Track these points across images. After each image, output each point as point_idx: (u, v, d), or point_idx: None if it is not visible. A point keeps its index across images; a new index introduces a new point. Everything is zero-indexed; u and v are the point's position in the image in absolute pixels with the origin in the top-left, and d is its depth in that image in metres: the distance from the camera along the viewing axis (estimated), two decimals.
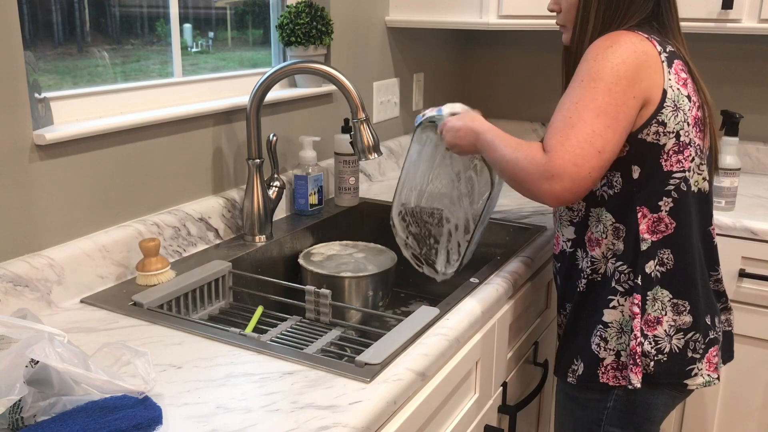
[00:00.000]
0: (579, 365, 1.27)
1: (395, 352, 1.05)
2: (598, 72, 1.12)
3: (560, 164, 1.10)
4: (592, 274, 1.26)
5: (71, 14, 1.36)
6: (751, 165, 2.25)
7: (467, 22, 2.05)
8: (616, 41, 1.14)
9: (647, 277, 1.20)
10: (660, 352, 1.21)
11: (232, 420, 0.89)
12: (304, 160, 1.72)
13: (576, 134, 1.11)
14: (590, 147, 1.10)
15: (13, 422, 0.83)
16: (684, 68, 1.20)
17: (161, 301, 1.24)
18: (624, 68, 1.12)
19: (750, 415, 1.88)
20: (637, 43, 1.14)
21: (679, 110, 1.16)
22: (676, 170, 1.19)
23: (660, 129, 1.16)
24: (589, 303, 1.27)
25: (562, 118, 1.13)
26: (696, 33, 1.96)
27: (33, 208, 1.20)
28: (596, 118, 1.11)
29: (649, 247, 1.20)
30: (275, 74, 1.47)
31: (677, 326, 1.21)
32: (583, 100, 1.12)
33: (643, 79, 1.13)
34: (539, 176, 1.12)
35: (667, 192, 1.19)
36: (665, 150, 1.17)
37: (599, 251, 1.25)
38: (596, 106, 1.11)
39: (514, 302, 1.40)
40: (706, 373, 1.24)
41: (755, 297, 1.79)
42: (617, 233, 1.22)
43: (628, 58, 1.12)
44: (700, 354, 1.23)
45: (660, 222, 1.20)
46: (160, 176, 1.44)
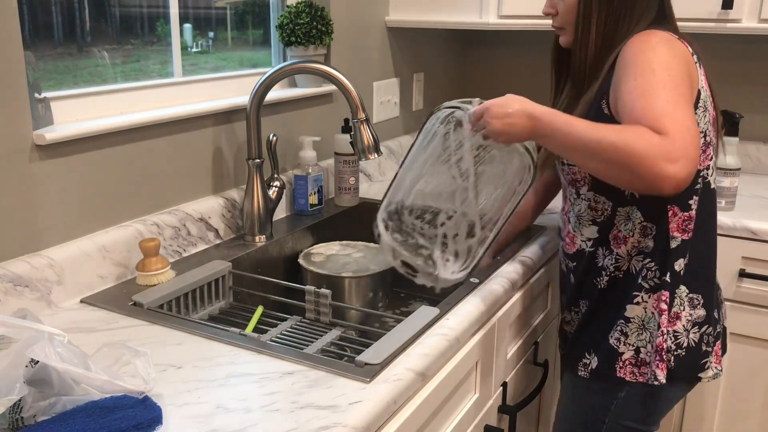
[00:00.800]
0: (592, 359, 1.28)
1: (395, 352, 1.05)
2: (664, 60, 1.10)
3: (683, 145, 1.00)
4: (615, 271, 1.27)
5: (71, 14, 1.36)
6: (751, 165, 2.25)
7: (467, 22, 2.05)
8: (659, 37, 1.14)
9: (676, 274, 1.22)
10: (679, 347, 1.23)
11: (232, 420, 0.89)
12: (304, 160, 1.72)
13: (682, 116, 1.03)
14: (695, 130, 1.04)
15: (13, 422, 0.83)
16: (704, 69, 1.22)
17: (161, 301, 1.24)
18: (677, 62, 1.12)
19: (750, 415, 1.88)
20: (673, 41, 1.15)
21: (707, 111, 1.19)
22: (702, 168, 1.21)
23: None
24: (610, 299, 1.28)
25: (656, 103, 1.04)
26: (696, 33, 1.96)
27: (33, 208, 1.20)
28: (685, 103, 1.07)
29: (679, 245, 1.22)
30: (275, 74, 1.47)
31: (693, 320, 1.24)
32: (668, 86, 1.07)
33: (690, 75, 1.14)
34: (664, 158, 0.99)
35: (696, 190, 1.21)
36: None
37: (624, 249, 1.25)
38: (681, 93, 1.07)
39: (514, 302, 1.40)
40: (714, 366, 1.27)
41: (755, 297, 1.79)
42: (644, 231, 1.23)
43: (678, 53, 1.13)
44: (711, 347, 1.26)
45: (690, 221, 1.22)
46: (160, 176, 1.44)
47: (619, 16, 1.20)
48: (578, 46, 1.25)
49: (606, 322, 1.28)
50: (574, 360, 1.32)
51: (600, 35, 1.22)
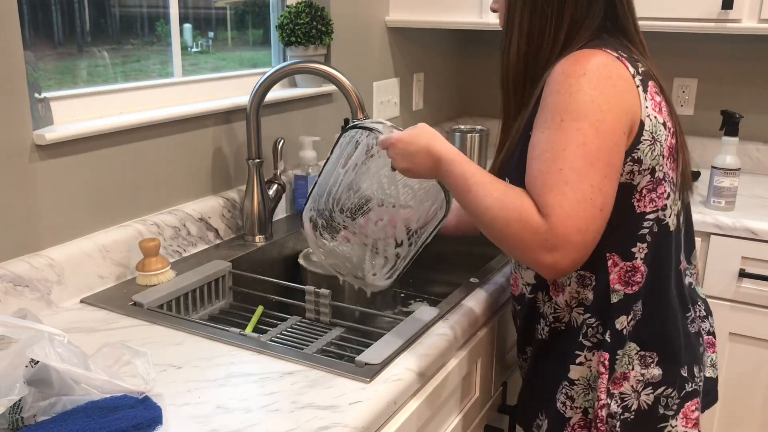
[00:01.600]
0: (544, 421, 1.16)
1: (395, 352, 1.05)
2: (579, 108, 0.96)
3: (563, 231, 0.93)
4: (555, 321, 1.13)
5: (71, 14, 1.36)
6: (751, 165, 2.25)
7: (467, 22, 2.05)
8: (587, 67, 0.98)
9: (617, 333, 1.06)
10: (627, 410, 1.07)
11: (232, 420, 0.89)
12: (304, 160, 1.72)
13: (573, 192, 0.94)
14: (591, 206, 0.94)
15: (13, 422, 0.83)
16: (657, 89, 1.04)
17: (161, 301, 1.24)
18: (605, 100, 0.96)
19: (750, 415, 1.88)
20: (609, 65, 0.99)
21: (656, 142, 1.01)
22: (649, 210, 1.04)
23: (635, 167, 1.01)
24: (552, 353, 1.14)
25: (552, 170, 0.95)
26: (696, 33, 1.96)
27: (33, 208, 1.20)
28: (591, 167, 0.94)
29: (621, 300, 1.06)
30: (275, 74, 1.47)
31: (645, 380, 1.08)
32: (571, 145, 0.95)
33: (625, 109, 0.98)
34: (539, 246, 0.94)
35: (641, 237, 1.05)
36: (638, 189, 1.03)
37: (562, 298, 1.11)
38: (587, 153, 0.94)
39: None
40: (682, 430, 1.11)
41: (755, 297, 1.79)
42: (582, 281, 1.08)
43: (606, 87, 0.97)
44: (673, 410, 1.10)
45: (635, 272, 1.06)
46: (160, 176, 1.44)
47: (546, 16, 1.06)
48: (503, 48, 1.12)
49: (551, 378, 1.14)
50: (528, 417, 1.20)
51: (524, 37, 1.08)
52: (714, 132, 2.17)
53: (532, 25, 1.08)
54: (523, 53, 1.09)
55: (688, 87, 2.28)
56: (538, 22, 1.07)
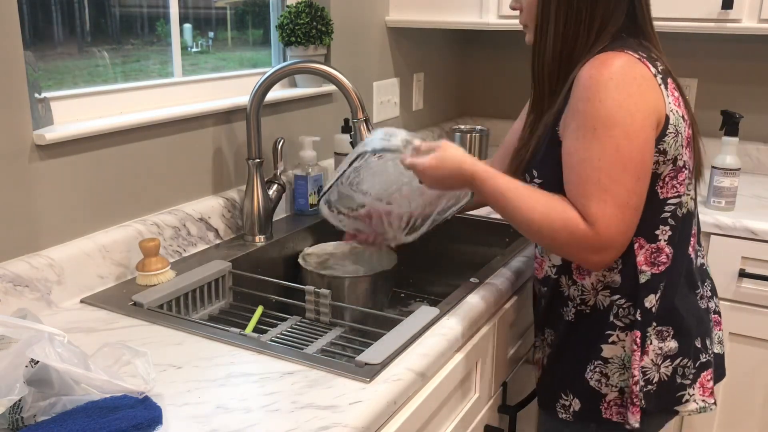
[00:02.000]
0: (571, 400, 1.21)
1: (395, 352, 1.05)
2: (609, 115, 1.03)
3: (609, 236, 1.04)
4: (581, 304, 1.19)
5: (71, 14, 1.36)
6: (751, 165, 2.25)
7: (467, 22, 2.05)
8: (612, 70, 1.04)
9: (647, 312, 1.14)
10: (649, 383, 1.15)
11: (232, 420, 0.89)
12: (304, 160, 1.72)
13: (613, 198, 1.03)
14: (629, 210, 1.04)
15: (13, 422, 0.83)
16: (674, 84, 1.12)
17: (161, 301, 1.24)
18: (633, 102, 1.03)
19: (750, 415, 1.88)
20: (632, 66, 1.05)
21: (679, 134, 1.09)
22: (671, 196, 1.12)
23: (660, 158, 1.08)
24: (580, 335, 1.20)
25: (592, 180, 1.04)
26: (696, 33, 1.96)
27: (33, 208, 1.20)
28: (624, 172, 1.03)
29: (649, 280, 1.13)
30: (275, 74, 1.47)
31: (663, 354, 1.15)
32: (606, 154, 1.03)
33: (651, 106, 1.05)
34: (587, 249, 1.05)
35: (664, 220, 1.12)
36: (662, 177, 1.10)
37: (589, 281, 1.17)
38: (621, 158, 1.02)
39: (514, 302, 1.40)
40: (700, 399, 1.19)
41: (755, 297, 1.79)
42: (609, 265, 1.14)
43: (632, 88, 1.03)
44: (690, 379, 1.18)
45: (660, 253, 1.13)
46: (160, 176, 1.44)
47: (581, 16, 1.10)
48: (536, 47, 1.16)
49: (578, 359, 1.20)
50: (550, 399, 1.25)
51: (559, 36, 1.12)
52: (714, 132, 2.17)
53: (568, 25, 1.12)
54: (558, 53, 1.14)
55: (688, 87, 2.28)
56: (573, 22, 1.11)
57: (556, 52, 1.14)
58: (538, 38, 1.15)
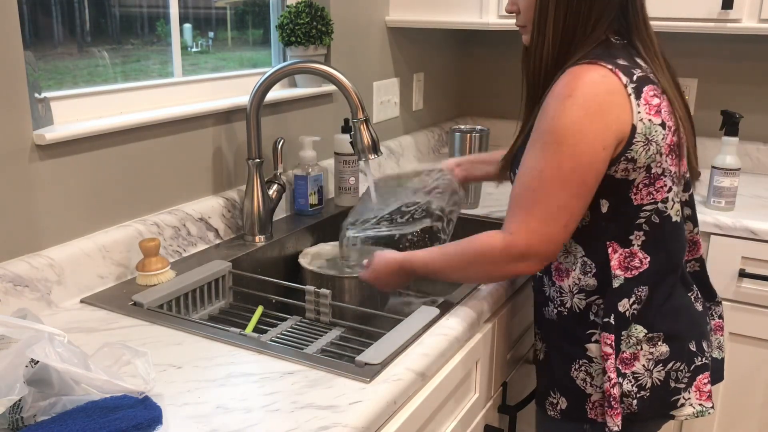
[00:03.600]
0: (559, 399, 1.22)
1: (395, 352, 1.05)
2: (560, 132, 1.04)
3: (526, 245, 1.08)
4: (560, 305, 1.21)
5: (71, 14, 1.36)
6: (751, 165, 2.25)
7: (467, 22, 2.05)
8: (576, 87, 1.05)
9: (621, 316, 1.13)
10: (642, 388, 1.15)
11: (232, 420, 0.89)
12: (304, 160, 1.72)
13: (542, 212, 1.07)
14: (555, 224, 1.07)
15: (13, 422, 0.83)
16: (656, 91, 1.09)
17: (161, 301, 1.24)
18: (588, 121, 1.04)
19: (750, 415, 1.88)
20: (599, 82, 1.05)
21: (651, 142, 1.08)
22: (647, 203, 1.12)
23: (629, 166, 1.08)
24: (563, 333, 1.21)
25: (530, 189, 1.08)
26: (696, 33, 1.96)
27: (33, 208, 1.20)
28: (561, 189, 1.06)
29: (623, 284, 1.13)
30: (275, 74, 1.47)
31: (655, 359, 1.15)
32: (548, 167, 1.06)
33: (611, 123, 1.04)
34: (510, 261, 1.10)
35: (638, 225, 1.13)
36: (635, 184, 1.10)
37: (567, 283, 1.19)
38: (561, 175, 1.05)
39: (514, 302, 1.40)
40: (696, 403, 1.18)
41: (755, 297, 1.79)
42: (584, 269, 1.16)
43: (591, 107, 1.04)
44: (685, 383, 1.17)
45: (633, 257, 1.13)
46: (160, 176, 1.44)
47: (579, 15, 1.10)
48: (534, 47, 1.15)
49: (564, 358, 1.21)
50: (541, 397, 1.27)
51: (558, 36, 1.12)
52: (714, 132, 2.17)
53: (567, 25, 1.12)
54: (557, 51, 1.13)
55: (688, 87, 2.28)
56: (572, 22, 1.11)
57: (554, 52, 1.13)
58: (536, 39, 1.15)
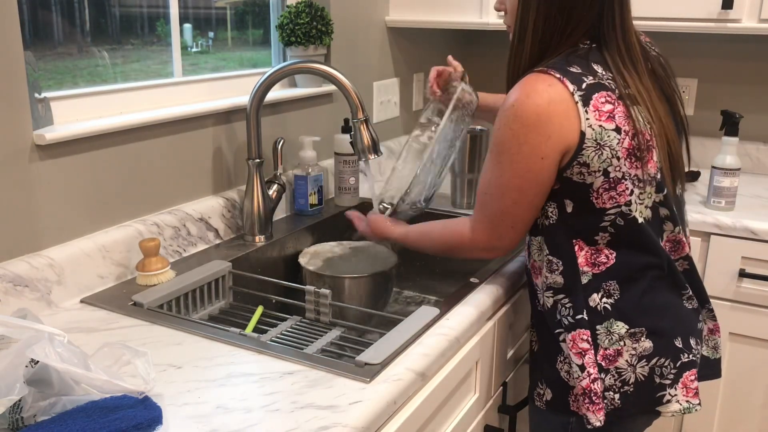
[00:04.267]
0: (545, 390, 1.24)
1: (395, 352, 1.05)
2: (503, 143, 1.13)
3: (485, 242, 1.23)
4: (538, 302, 1.25)
5: (71, 14, 1.36)
6: (751, 165, 2.25)
7: (467, 22, 2.05)
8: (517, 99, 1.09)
9: (593, 310, 1.15)
10: (626, 383, 1.16)
11: (232, 420, 0.89)
12: (304, 160, 1.72)
13: (490, 213, 1.20)
14: (502, 224, 1.19)
15: (13, 422, 0.83)
16: (609, 97, 1.10)
17: (161, 301, 1.24)
18: (525, 131, 1.09)
19: (750, 415, 1.88)
20: (542, 92, 1.08)
21: (604, 147, 1.09)
22: (609, 206, 1.12)
23: (584, 169, 1.10)
24: (546, 327, 1.23)
25: (480, 193, 1.21)
26: (696, 33, 1.96)
27: (33, 208, 1.20)
28: (502, 196, 1.16)
29: (591, 280, 1.15)
30: (275, 74, 1.47)
31: (638, 354, 1.16)
32: (493, 175, 1.16)
33: (550, 134, 1.08)
34: (478, 251, 1.25)
35: (603, 228, 1.14)
36: (594, 188, 1.11)
37: (539, 281, 1.23)
38: (502, 183, 1.15)
39: (514, 302, 1.40)
40: (683, 399, 1.18)
41: (755, 297, 1.79)
42: (550, 267, 1.18)
43: (530, 118, 1.08)
44: (670, 379, 1.18)
45: (599, 254, 1.15)
46: (160, 176, 1.44)
47: (556, 24, 1.13)
48: (514, 51, 1.18)
49: (549, 350, 1.22)
50: (531, 387, 1.29)
51: (537, 42, 1.15)
52: (714, 132, 2.17)
53: (545, 32, 1.15)
54: (536, 55, 1.17)
55: (688, 87, 2.28)
56: (550, 26, 1.14)
57: (532, 57, 1.16)
58: (517, 44, 1.18)
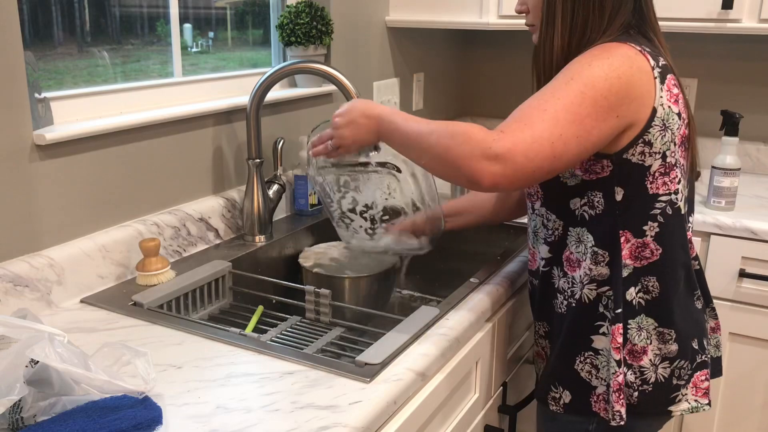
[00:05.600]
0: (562, 392, 1.22)
1: (395, 352, 1.05)
2: (592, 78, 1.04)
3: (509, 148, 0.99)
4: (570, 297, 1.20)
5: (71, 14, 1.36)
6: (751, 165, 2.25)
7: (467, 22, 2.05)
8: (613, 53, 1.07)
9: (628, 304, 1.15)
10: (645, 383, 1.16)
11: (232, 420, 0.89)
12: (304, 160, 1.72)
13: (541, 129, 1.01)
14: (549, 148, 1.01)
15: (13, 422, 0.83)
16: (676, 81, 1.12)
17: (161, 301, 1.24)
18: (618, 84, 1.04)
19: (750, 415, 1.88)
20: (632, 57, 1.07)
21: (668, 129, 1.09)
22: (662, 193, 1.12)
23: (646, 149, 1.09)
24: (570, 326, 1.20)
25: (537, 106, 1.03)
26: (696, 33, 1.96)
27: (33, 208, 1.20)
28: (570, 123, 1.02)
29: (631, 274, 1.14)
30: (275, 74, 1.47)
31: (662, 355, 1.16)
32: (566, 99, 1.03)
33: (634, 98, 1.06)
34: (480, 154, 1.00)
35: (653, 216, 1.13)
36: (651, 171, 1.11)
37: (578, 273, 1.18)
38: (575, 112, 1.02)
39: (514, 302, 1.40)
40: (692, 399, 1.19)
41: (755, 297, 1.79)
42: (596, 258, 1.15)
43: (624, 74, 1.05)
44: (685, 380, 1.19)
45: (645, 248, 1.14)
46: (160, 176, 1.44)
47: (590, 8, 1.11)
48: (542, 45, 1.16)
49: (568, 351, 1.20)
50: (542, 391, 1.26)
51: (567, 30, 1.12)
52: (714, 132, 2.17)
53: (575, 17, 1.13)
54: (567, 44, 1.14)
55: (688, 87, 2.28)
56: (581, 14, 1.12)
57: (564, 44, 1.14)
58: (544, 34, 1.15)
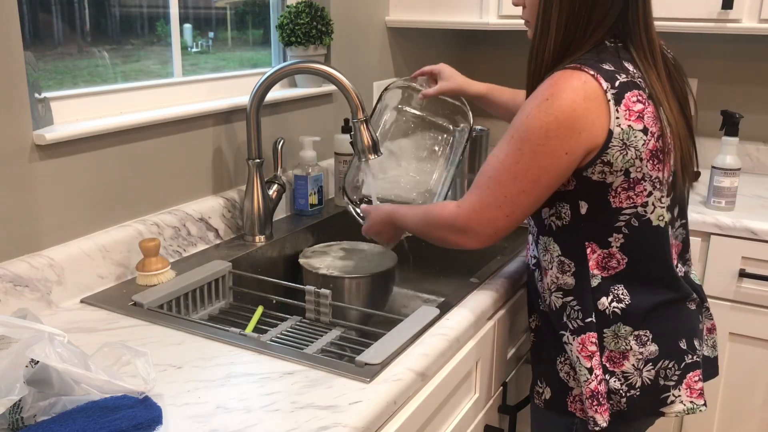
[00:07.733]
0: (545, 389, 1.25)
1: (395, 352, 1.05)
2: (528, 131, 1.08)
3: (467, 221, 1.17)
4: (543, 302, 1.24)
5: (71, 14, 1.36)
6: (751, 165, 2.25)
7: (467, 22, 2.05)
8: (559, 90, 1.06)
9: (601, 314, 1.15)
10: (632, 387, 1.16)
11: (232, 420, 0.89)
12: (304, 160, 1.72)
13: (488, 196, 1.14)
14: (498, 211, 1.13)
15: (13, 422, 0.83)
16: (640, 97, 1.09)
17: (161, 301, 1.24)
18: (557, 125, 1.06)
19: (750, 415, 1.88)
20: (580, 88, 1.06)
21: (629, 147, 1.08)
22: (626, 206, 1.13)
23: (606, 168, 1.09)
24: (550, 326, 1.23)
25: (485, 174, 1.15)
26: (696, 33, 1.96)
27: (33, 208, 1.20)
28: (513, 182, 1.11)
29: (600, 283, 1.15)
30: (275, 74, 1.47)
31: (645, 358, 1.16)
32: (507, 160, 1.11)
33: (582, 130, 1.06)
34: (448, 229, 1.20)
35: (617, 228, 1.14)
36: (613, 188, 1.11)
37: (546, 281, 1.21)
38: (516, 170, 1.10)
39: (514, 302, 1.40)
40: (687, 400, 1.18)
41: (755, 297, 1.79)
42: (562, 267, 1.18)
43: (565, 112, 1.06)
44: (674, 381, 1.18)
45: (611, 258, 1.15)
46: (160, 176, 1.44)
47: (579, 19, 1.11)
48: (537, 47, 1.16)
49: (550, 349, 1.23)
50: (532, 385, 1.29)
51: (560, 37, 1.13)
52: (714, 132, 2.17)
53: (568, 28, 1.13)
54: (559, 47, 1.14)
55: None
56: (573, 20, 1.13)
57: (555, 53, 1.14)
58: (539, 40, 1.15)
